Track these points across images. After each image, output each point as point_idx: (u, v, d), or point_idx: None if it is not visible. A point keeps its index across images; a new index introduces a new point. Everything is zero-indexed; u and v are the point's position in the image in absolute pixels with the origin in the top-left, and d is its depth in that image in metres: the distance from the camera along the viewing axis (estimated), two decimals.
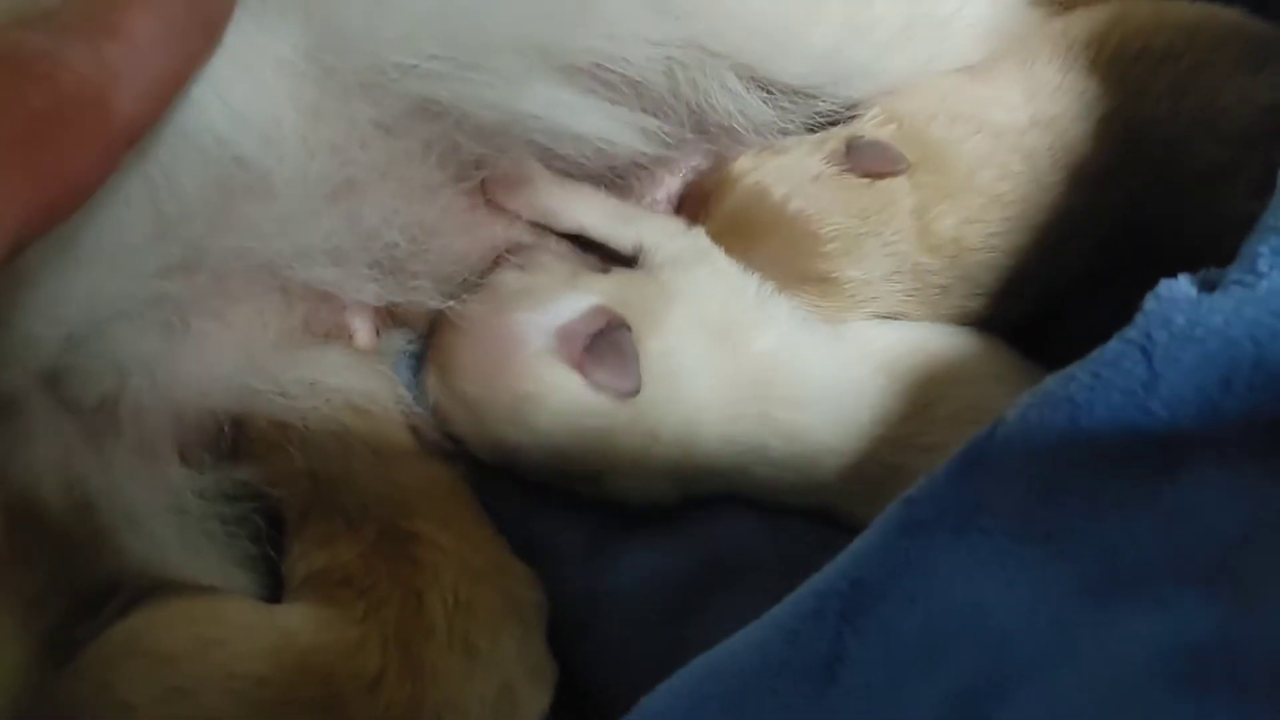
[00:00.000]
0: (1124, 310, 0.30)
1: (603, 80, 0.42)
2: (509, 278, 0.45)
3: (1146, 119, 0.42)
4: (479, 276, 0.46)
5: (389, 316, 0.48)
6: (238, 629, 0.39)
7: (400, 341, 0.49)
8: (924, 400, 0.42)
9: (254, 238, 0.40)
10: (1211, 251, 0.31)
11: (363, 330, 0.46)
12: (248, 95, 0.38)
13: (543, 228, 0.47)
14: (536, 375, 0.41)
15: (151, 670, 0.37)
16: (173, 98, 0.34)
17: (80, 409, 0.40)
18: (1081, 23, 0.44)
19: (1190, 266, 0.30)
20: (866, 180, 0.44)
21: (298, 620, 0.40)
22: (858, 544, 0.33)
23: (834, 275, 0.44)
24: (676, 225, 0.46)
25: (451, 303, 0.45)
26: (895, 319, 0.45)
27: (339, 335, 0.46)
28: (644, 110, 0.43)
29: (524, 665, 0.41)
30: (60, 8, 0.32)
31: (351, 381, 0.44)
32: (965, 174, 0.43)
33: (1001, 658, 0.29)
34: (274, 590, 0.43)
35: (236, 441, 0.43)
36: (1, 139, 0.28)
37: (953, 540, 0.32)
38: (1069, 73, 0.43)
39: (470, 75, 0.40)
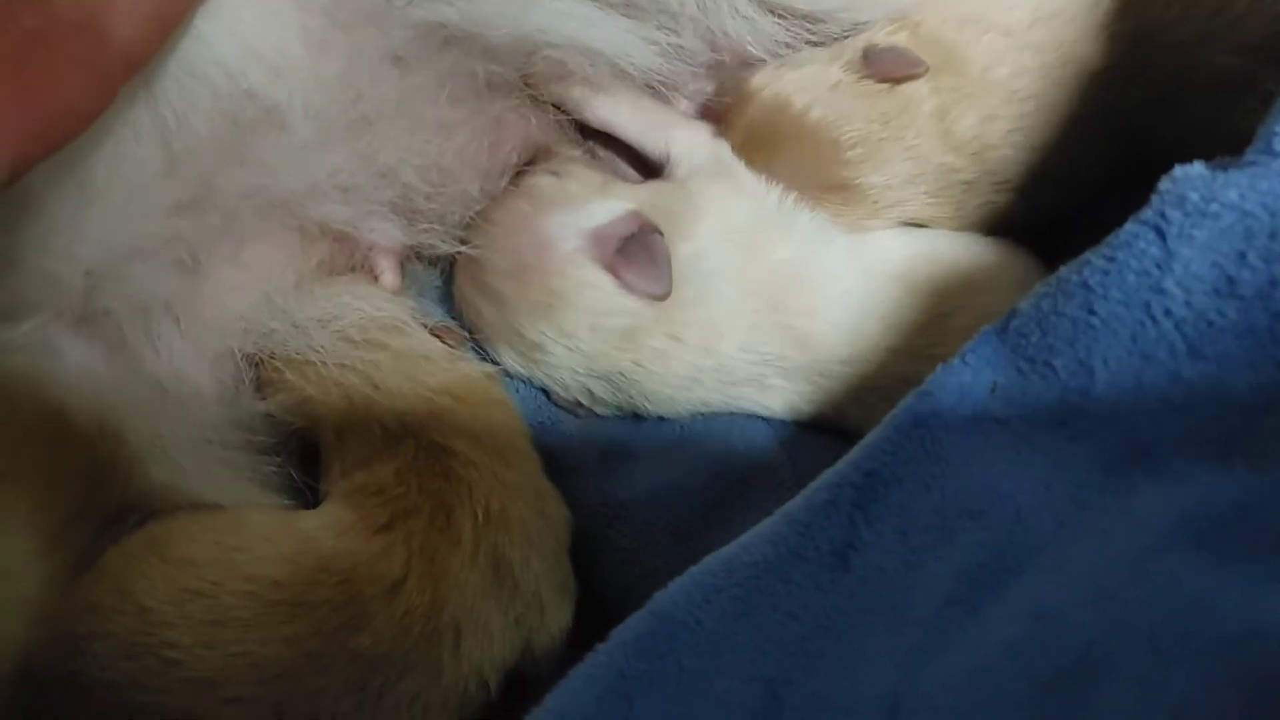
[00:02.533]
0: None
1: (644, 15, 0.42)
2: (544, 181, 0.45)
3: (1155, 22, 0.42)
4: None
5: (415, 255, 0.48)
6: (256, 534, 0.39)
7: (426, 277, 0.49)
8: (940, 310, 0.42)
9: (265, 173, 0.41)
10: None
11: (389, 271, 0.47)
12: (255, 27, 0.38)
13: (572, 148, 0.48)
14: (568, 274, 0.42)
15: (168, 573, 0.38)
16: (175, 27, 0.34)
17: (108, 346, 0.40)
18: None
19: None
20: (886, 86, 0.44)
21: (321, 525, 0.40)
22: (872, 436, 0.33)
23: (857, 182, 0.44)
24: (703, 135, 0.46)
25: (464, 247, 0.45)
26: (920, 224, 0.45)
27: (364, 273, 0.47)
28: (658, 27, 0.43)
29: (552, 580, 0.41)
30: None
31: (373, 308, 0.45)
32: (980, 73, 0.43)
33: (1016, 535, 0.29)
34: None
35: (264, 373, 0.44)
36: None
37: (967, 428, 0.32)
38: None
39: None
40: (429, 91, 0.43)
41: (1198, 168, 0.29)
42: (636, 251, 0.41)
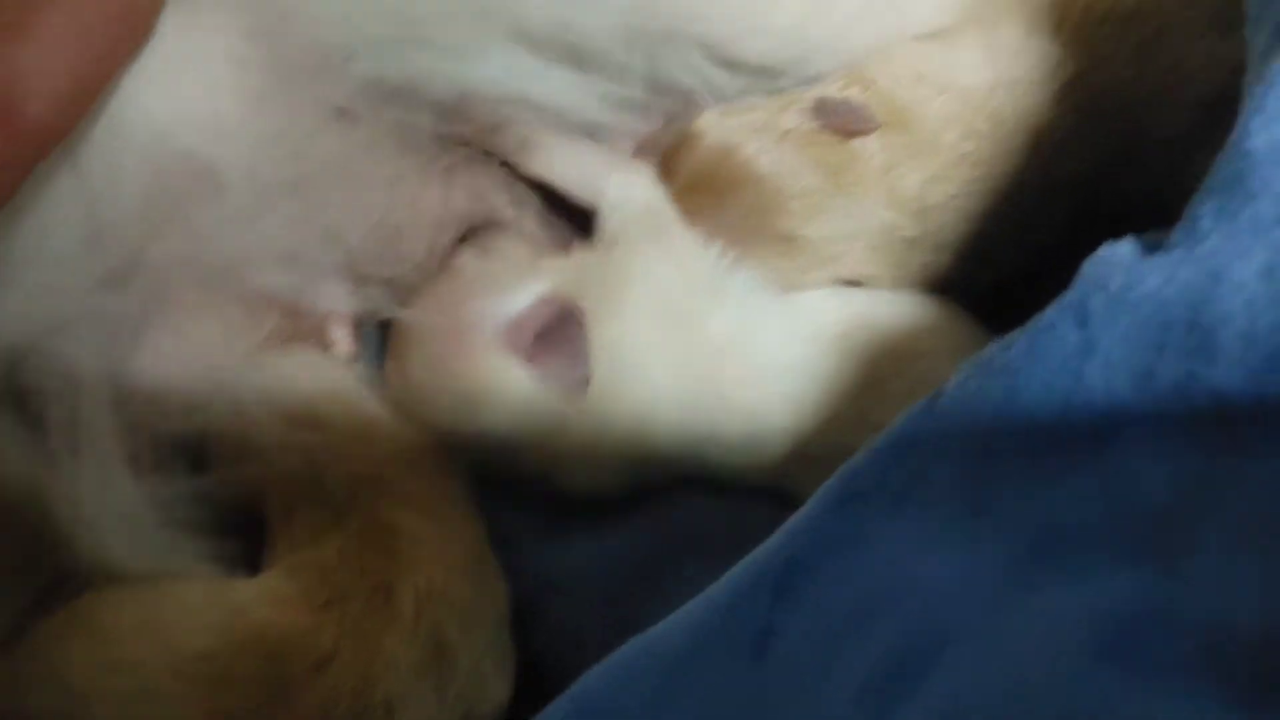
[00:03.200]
0: None
1: (562, 48, 0.41)
2: (468, 263, 0.44)
3: (1110, 83, 0.41)
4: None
5: (369, 318, 0.47)
6: (185, 605, 0.39)
7: (381, 340, 0.48)
8: (877, 376, 0.41)
9: (201, 241, 0.40)
10: None
11: (343, 338, 0.46)
12: (188, 86, 0.37)
13: (516, 209, 0.47)
14: (485, 366, 0.41)
15: (93, 647, 0.37)
16: (94, 99, 0.33)
17: (34, 422, 0.39)
18: None
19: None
20: (835, 139, 0.43)
21: (257, 596, 0.40)
22: (794, 520, 0.32)
23: (798, 234, 0.43)
24: (639, 184, 0.44)
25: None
26: (859, 281, 0.44)
27: (316, 340, 0.46)
28: (606, 79, 0.42)
29: (491, 655, 0.41)
30: None
31: (324, 378, 0.44)
32: (931, 133, 0.43)
33: (930, 629, 0.28)
34: None
35: (209, 447, 0.43)
36: None
37: (889, 514, 0.31)
38: (1032, 36, 0.43)
39: (421, 51, 0.39)
40: (373, 147, 0.42)
41: (1123, 249, 0.29)
42: (555, 339, 0.40)
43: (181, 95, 0.37)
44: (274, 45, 0.38)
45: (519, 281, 0.42)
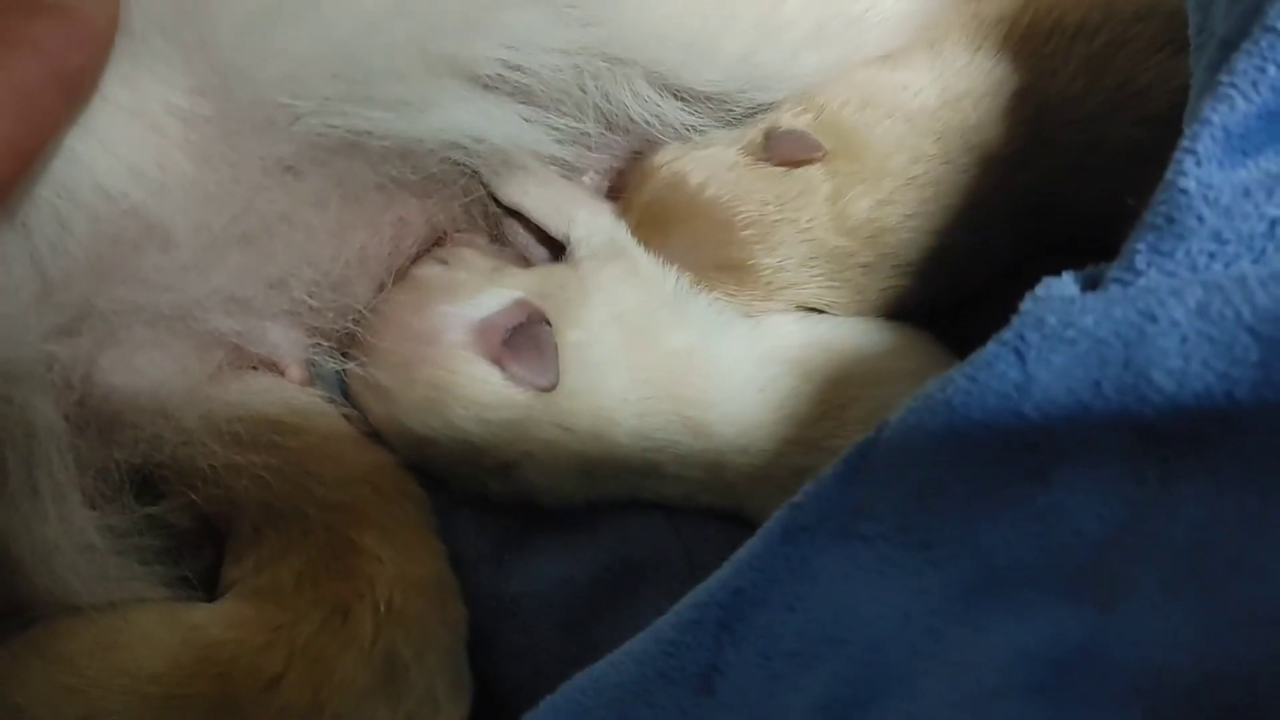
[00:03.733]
0: None
1: (511, 87, 0.41)
2: (431, 272, 0.45)
3: (1059, 98, 0.41)
4: None
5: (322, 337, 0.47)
6: (138, 628, 0.39)
7: (334, 363, 0.48)
8: (837, 401, 0.41)
9: (149, 291, 0.40)
10: None
11: (295, 370, 0.46)
12: (135, 144, 0.37)
13: (469, 231, 0.47)
14: (453, 367, 0.41)
15: (46, 670, 0.37)
16: (31, 160, 0.33)
17: None
18: (994, 2, 0.43)
19: (1111, 252, 0.29)
20: (783, 168, 0.43)
21: (211, 618, 0.40)
22: (742, 552, 0.32)
23: (749, 263, 0.43)
24: (605, 216, 0.46)
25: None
26: (818, 308, 0.45)
27: (268, 369, 0.46)
28: (559, 114, 0.43)
29: (446, 678, 0.41)
30: None
31: (283, 399, 0.44)
32: (880, 158, 0.43)
33: (871, 666, 0.28)
34: None
35: (162, 477, 0.43)
36: None
37: (834, 546, 0.31)
38: (977, 52, 0.43)
39: (369, 106, 0.39)
40: (322, 199, 0.42)
41: (1063, 285, 0.29)
42: (523, 342, 0.40)
43: (128, 152, 0.37)
44: (221, 103, 0.38)
45: (486, 287, 0.43)
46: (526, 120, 0.41)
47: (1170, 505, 0.25)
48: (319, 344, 0.45)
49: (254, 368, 0.45)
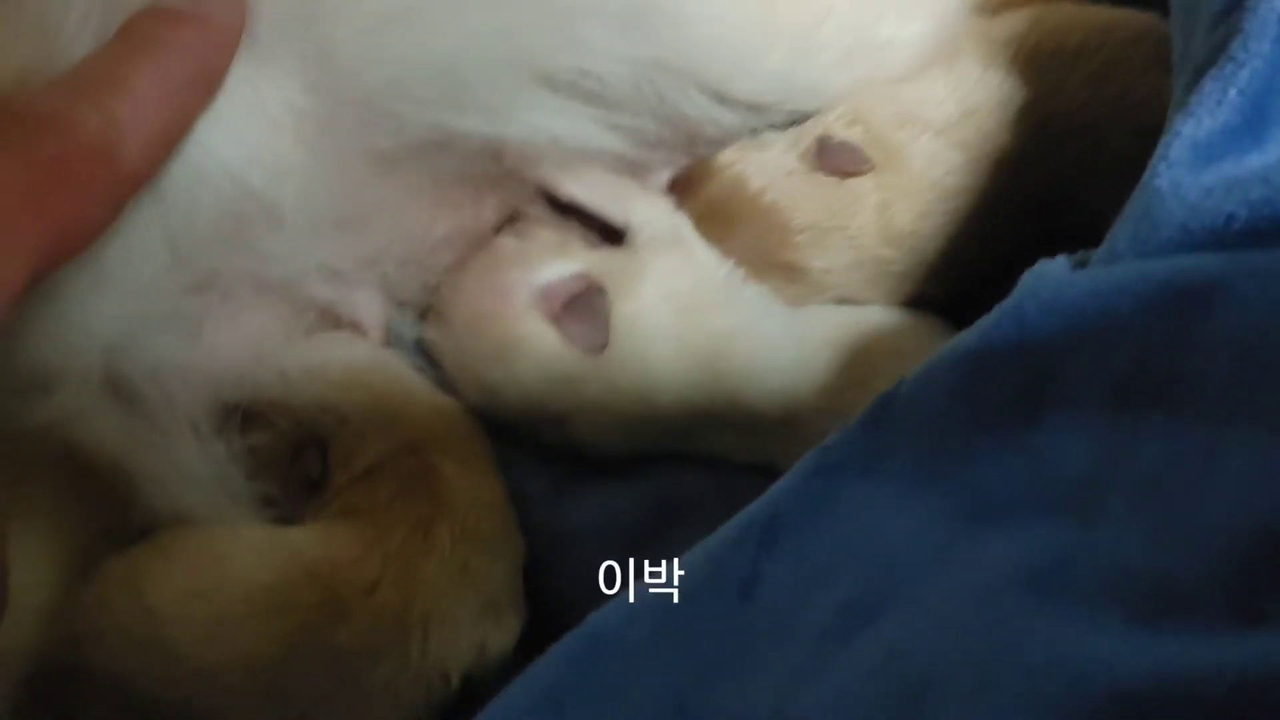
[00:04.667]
0: None
1: (583, 93, 0.47)
2: (506, 242, 0.51)
3: (1063, 110, 0.47)
4: None
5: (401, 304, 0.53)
6: (252, 545, 0.45)
7: (412, 326, 0.54)
8: (863, 377, 0.46)
9: (262, 261, 0.46)
10: None
11: (375, 331, 0.52)
12: (257, 135, 0.43)
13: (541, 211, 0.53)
14: (519, 325, 0.47)
15: (172, 574, 0.43)
16: (174, 147, 0.39)
17: (125, 404, 0.46)
18: (1003, 24, 0.49)
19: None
20: (834, 178, 0.49)
21: (306, 538, 0.46)
22: (779, 483, 0.38)
23: (800, 265, 0.49)
24: (663, 208, 0.51)
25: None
26: (853, 303, 0.50)
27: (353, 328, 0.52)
28: (625, 116, 0.49)
29: (508, 592, 0.47)
30: (74, 69, 0.37)
31: (366, 352, 0.51)
32: (919, 172, 0.48)
33: (886, 576, 0.34)
34: None
35: (269, 412, 0.49)
36: (19, 186, 0.33)
37: (859, 480, 0.37)
38: (989, 68, 0.48)
39: (461, 107, 0.45)
40: (415, 189, 0.49)
41: (1057, 265, 0.35)
42: (581, 308, 0.46)
43: (249, 141, 0.43)
44: (330, 100, 0.44)
45: (552, 258, 0.49)
46: (597, 122, 0.47)
47: (1137, 444, 0.31)
48: (399, 309, 0.51)
49: (340, 328, 0.51)
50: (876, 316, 0.49)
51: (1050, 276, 0.34)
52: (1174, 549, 0.29)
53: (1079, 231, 0.48)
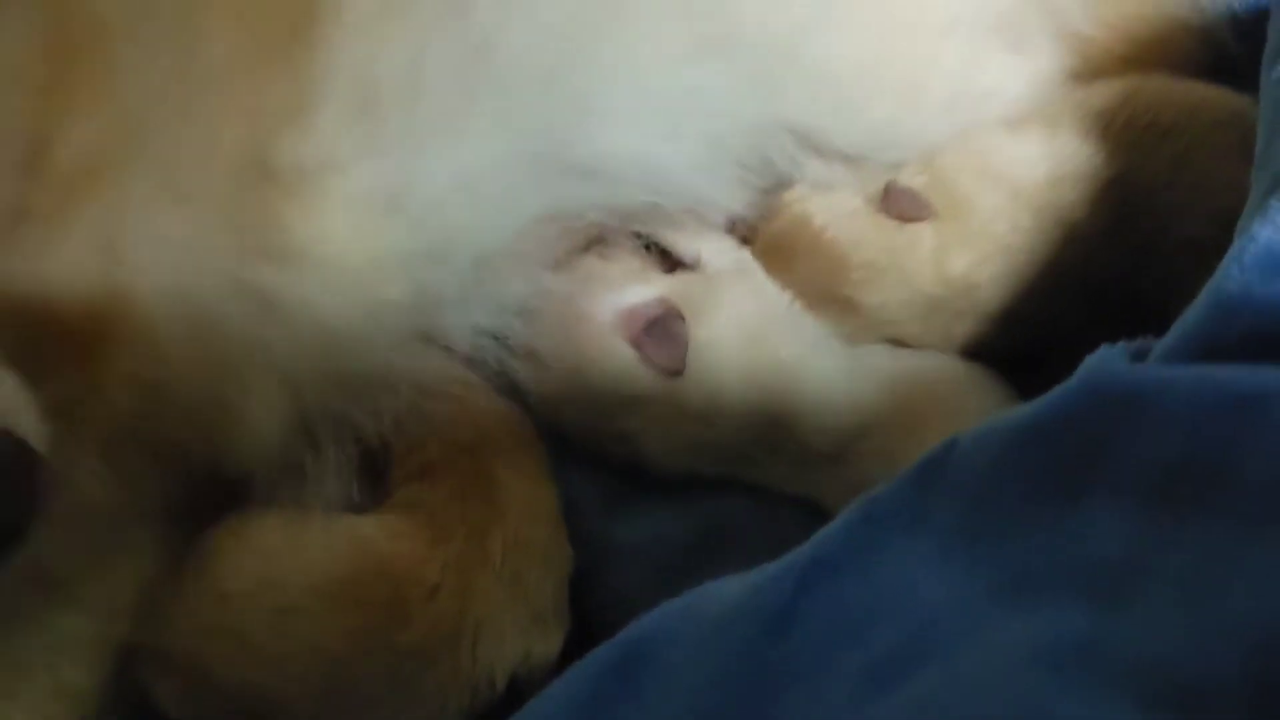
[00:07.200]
0: None
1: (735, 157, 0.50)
2: (593, 264, 0.53)
3: (1145, 188, 0.48)
4: None
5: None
6: (322, 534, 0.47)
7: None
8: (912, 424, 0.48)
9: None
10: None
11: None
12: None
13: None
14: (600, 343, 0.49)
15: (243, 560, 0.45)
16: None
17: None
18: (1099, 94, 0.50)
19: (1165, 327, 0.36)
20: (895, 222, 0.50)
21: (375, 531, 0.48)
22: (824, 530, 0.39)
23: (856, 300, 0.51)
24: (730, 244, 0.53)
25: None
26: (906, 343, 0.52)
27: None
28: (743, 173, 0.51)
29: (554, 603, 0.48)
30: None
31: (450, 369, 0.53)
32: (982, 224, 0.50)
33: (920, 636, 0.35)
34: None
35: (362, 418, 0.51)
36: None
37: (903, 535, 0.38)
38: (1085, 139, 0.49)
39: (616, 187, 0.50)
40: (549, 239, 0.53)
41: (1113, 353, 0.36)
42: (660, 332, 0.48)
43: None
44: (529, 173, 0.48)
45: (634, 282, 0.51)
46: (735, 182, 0.50)
47: (1175, 535, 0.32)
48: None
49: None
50: (930, 363, 0.51)
51: (1110, 365, 0.35)
52: (1196, 644, 0.30)
53: (1140, 309, 0.50)
